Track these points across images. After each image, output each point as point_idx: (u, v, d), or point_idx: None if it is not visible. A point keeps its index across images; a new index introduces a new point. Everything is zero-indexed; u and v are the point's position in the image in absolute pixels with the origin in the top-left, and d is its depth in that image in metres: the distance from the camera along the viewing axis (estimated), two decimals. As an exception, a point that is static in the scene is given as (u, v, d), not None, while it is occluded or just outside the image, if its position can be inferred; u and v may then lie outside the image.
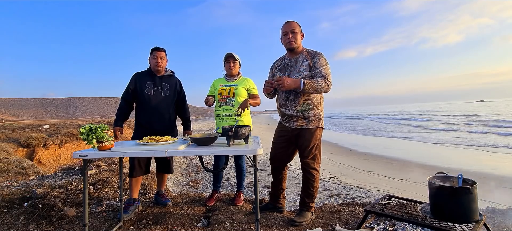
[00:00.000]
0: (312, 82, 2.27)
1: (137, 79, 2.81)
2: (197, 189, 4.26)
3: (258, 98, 2.99)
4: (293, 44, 2.42)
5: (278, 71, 2.56)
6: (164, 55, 2.83)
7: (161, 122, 2.77)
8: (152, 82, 2.80)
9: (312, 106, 2.39)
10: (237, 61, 2.97)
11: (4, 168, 5.50)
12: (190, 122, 3.09)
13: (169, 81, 2.89)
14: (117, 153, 1.86)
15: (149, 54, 2.84)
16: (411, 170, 6.53)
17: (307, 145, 2.43)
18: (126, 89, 2.81)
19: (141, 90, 2.76)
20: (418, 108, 72.68)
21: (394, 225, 2.18)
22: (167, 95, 2.84)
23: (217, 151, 1.94)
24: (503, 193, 4.66)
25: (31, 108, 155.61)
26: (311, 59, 2.39)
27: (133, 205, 2.73)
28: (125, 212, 2.61)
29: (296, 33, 2.42)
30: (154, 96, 2.78)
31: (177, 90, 2.95)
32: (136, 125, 2.82)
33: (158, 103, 2.78)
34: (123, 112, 2.80)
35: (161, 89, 2.81)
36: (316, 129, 2.43)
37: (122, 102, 2.81)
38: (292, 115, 2.44)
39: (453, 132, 15.72)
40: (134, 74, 2.87)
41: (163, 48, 2.82)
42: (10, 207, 2.92)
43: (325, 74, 2.32)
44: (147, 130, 2.66)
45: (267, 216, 2.59)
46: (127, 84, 2.83)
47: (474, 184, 2.05)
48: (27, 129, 14.83)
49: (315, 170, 2.47)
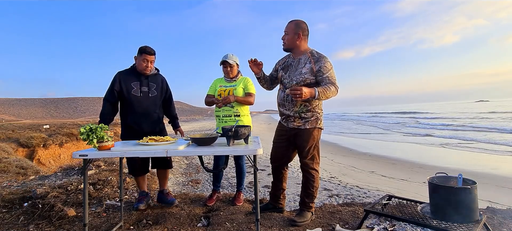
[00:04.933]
0: (325, 90, 2.23)
1: (121, 80, 2.65)
2: (197, 189, 4.26)
3: (251, 97, 2.92)
4: (283, 45, 2.47)
5: (281, 70, 2.56)
6: (153, 59, 2.70)
7: (150, 122, 2.70)
8: (138, 83, 2.67)
9: (309, 107, 2.38)
10: (233, 65, 2.91)
11: (4, 168, 5.51)
12: (177, 119, 3.02)
13: (155, 80, 2.78)
14: (117, 153, 1.86)
15: (137, 54, 2.66)
16: (411, 170, 6.53)
17: (304, 146, 2.42)
18: (110, 90, 2.65)
19: (127, 92, 2.64)
20: (418, 108, 72.71)
21: (394, 225, 2.18)
22: (155, 95, 2.76)
23: (217, 151, 1.94)
24: (503, 193, 4.66)
25: (31, 108, 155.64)
26: (315, 63, 2.33)
27: (146, 197, 2.85)
28: (140, 202, 2.78)
29: (286, 33, 2.43)
30: (142, 97, 2.67)
31: (164, 89, 2.87)
32: (123, 126, 2.73)
33: (147, 104, 2.69)
34: (108, 116, 2.66)
35: (148, 90, 2.71)
36: (314, 130, 2.42)
37: (106, 105, 2.66)
38: (290, 115, 2.44)
39: (453, 132, 15.72)
40: (117, 73, 2.70)
41: (153, 51, 2.67)
42: (10, 207, 2.92)
43: (332, 79, 2.30)
44: (136, 131, 2.61)
45: (267, 216, 2.59)
46: (110, 84, 2.67)
47: (474, 184, 2.05)
48: (27, 129, 14.84)
49: (314, 170, 2.47)
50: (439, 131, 17.11)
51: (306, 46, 2.46)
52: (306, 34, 2.44)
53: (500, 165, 7.01)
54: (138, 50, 2.66)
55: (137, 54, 2.66)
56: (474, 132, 15.16)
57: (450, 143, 11.53)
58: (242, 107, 2.92)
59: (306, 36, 2.44)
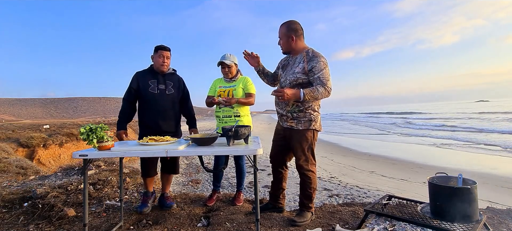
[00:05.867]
0: (312, 92, 2.22)
1: (139, 78, 2.72)
2: (197, 189, 4.26)
3: (251, 97, 2.91)
4: (282, 50, 2.50)
5: (280, 68, 2.60)
6: (169, 55, 2.74)
7: (167, 120, 2.70)
8: (156, 81, 2.71)
9: (302, 108, 2.36)
10: (231, 65, 2.89)
11: (4, 168, 5.50)
12: (195, 120, 3.01)
13: (172, 79, 2.81)
14: (117, 153, 1.86)
15: (153, 52, 2.73)
16: (411, 170, 6.53)
17: (297, 147, 2.41)
18: (128, 89, 2.72)
19: (144, 89, 2.68)
20: (418, 108, 72.70)
21: (394, 225, 2.18)
22: (172, 93, 2.76)
23: (217, 151, 1.94)
24: (503, 193, 4.66)
25: (31, 108, 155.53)
26: (308, 62, 2.30)
27: (151, 198, 2.87)
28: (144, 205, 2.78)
29: (280, 38, 2.47)
30: (159, 94, 2.69)
31: (181, 88, 2.88)
32: (141, 126, 2.73)
33: (164, 101, 2.70)
34: (126, 115, 2.71)
35: (165, 87, 2.73)
36: (307, 131, 2.38)
37: (125, 104, 2.73)
38: (283, 114, 2.46)
39: (453, 132, 15.72)
40: (135, 73, 2.77)
41: (168, 48, 2.72)
42: (10, 207, 2.92)
43: (324, 80, 2.25)
44: (153, 130, 2.58)
45: (267, 216, 2.59)
46: (129, 84, 2.74)
47: (474, 184, 2.05)
48: (27, 129, 14.83)
49: (310, 172, 2.44)
50: (439, 131, 17.11)
51: (302, 45, 2.44)
52: (300, 33, 2.42)
53: (500, 165, 7.01)
54: (154, 49, 2.74)
55: (153, 52, 2.74)
56: (474, 132, 15.16)
57: (450, 143, 11.53)
58: (242, 107, 2.92)
59: (301, 35, 2.42)
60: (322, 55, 2.32)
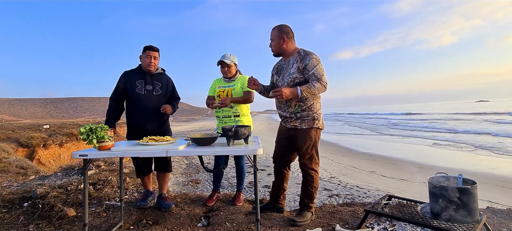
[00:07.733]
0: (308, 88, 2.28)
1: (126, 78, 2.70)
2: (197, 189, 4.26)
3: (249, 94, 2.89)
4: (272, 52, 2.55)
5: (275, 74, 2.62)
6: (157, 55, 2.73)
7: (154, 121, 2.69)
8: (143, 81, 2.69)
9: (304, 107, 2.41)
10: (230, 65, 2.89)
11: (4, 168, 5.51)
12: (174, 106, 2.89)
13: (160, 79, 2.79)
14: (117, 153, 1.87)
15: (142, 52, 2.72)
16: (411, 170, 6.53)
17: (301, 146, 2.44)
18: (115, 89, 2.71)
19: (131, 90, 2.66)
20: (419, 108, 72.71)
21: (394, 225, 2.18)
22: (159, 94, 2.75)
23: (217, 151, 1.94)
24: (503, 193, 4.66)
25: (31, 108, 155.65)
26: (301, 61, 2.37)
27: (150, 196, 2.88)
28: (143, 201, 2.80)
29: (272, 40, 2.50)
30: (146, 95, 2.68)
31: (169, 89, 2.87)
32: (128, 126, 2.74)
33: (150, 102, 2.68)
34: (114, 113, 2.71)
35: (153, 88, 2.72)
36: (311, 129, 2.43)
37: (112, 103, 2.72)
38: (286, 116, 2.49)
39: (453, 133, 15.72)
40: (123, 73, 2.75)
41: (157, 48, 2.71)
42: (10, 207, 2.92)
43: (318, 75, 2.32)
44: (140, 131, 2.59)
45: (267, 216, 2.59)
46: (116, 83, 2.72)
47: (474, 184, 2.05)
48: (27, 129, 14.83)
49: (313, 170, 2.48)
50: (439, 131, 17.10)
51: (293, 46, 2.51)
52: (291, 36, 2.50)
53: (500, 165, 7.01)
54: (142, 49, 2.72)
55: (142, 53, 2.72)
56: (474, 133, 15.15)
57: (450, 143, 11.53)
58: (241, 107, 2.92)
59: (292, 37, 2.50)
60: (314, 53, 2.39)
